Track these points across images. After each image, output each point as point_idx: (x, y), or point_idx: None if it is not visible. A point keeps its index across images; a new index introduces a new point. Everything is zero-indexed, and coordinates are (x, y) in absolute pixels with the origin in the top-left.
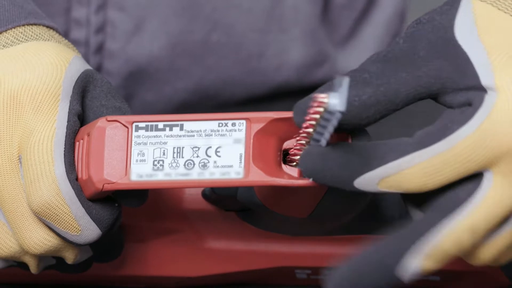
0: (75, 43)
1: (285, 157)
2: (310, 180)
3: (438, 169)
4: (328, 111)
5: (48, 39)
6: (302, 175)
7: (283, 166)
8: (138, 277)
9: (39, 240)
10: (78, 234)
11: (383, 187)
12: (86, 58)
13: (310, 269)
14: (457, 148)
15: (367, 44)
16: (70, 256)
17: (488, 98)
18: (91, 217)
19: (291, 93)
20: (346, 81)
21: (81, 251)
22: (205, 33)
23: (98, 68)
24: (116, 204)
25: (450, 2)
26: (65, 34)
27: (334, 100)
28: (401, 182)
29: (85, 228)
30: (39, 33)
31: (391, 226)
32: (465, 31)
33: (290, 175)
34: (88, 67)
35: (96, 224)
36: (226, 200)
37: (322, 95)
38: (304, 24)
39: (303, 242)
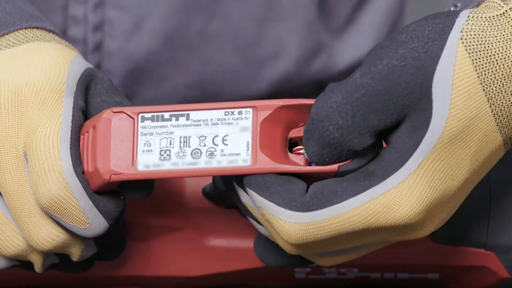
0: (73, 41)
1: (291, 145)
2: (318, 166)
3: None
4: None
5: (49, 41)
6: (308, 162)
7: (289, 154)
8: (139, 277)
9: (47, 235)
10: (86, 227)
11: None
12: (84, 56)
13: (310, 268)
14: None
15: (365, 32)
16: (76, 252)
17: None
18: (98, 210)
19: (292, 90)
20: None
21: (87, 247)
22: (202, 24)
23: (97, 67)
24: (122, 197)
25: (439, 31)
26: (63, 32)
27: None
28: None
29: (93, 220)
30: (40, 35)
31: None
32: (442, 82)
33: (297, 163)
34: (90, 65)
35: (104, 217)
36: (227, 197)
37: (300, 147)
38: (302, 14)
39: None
